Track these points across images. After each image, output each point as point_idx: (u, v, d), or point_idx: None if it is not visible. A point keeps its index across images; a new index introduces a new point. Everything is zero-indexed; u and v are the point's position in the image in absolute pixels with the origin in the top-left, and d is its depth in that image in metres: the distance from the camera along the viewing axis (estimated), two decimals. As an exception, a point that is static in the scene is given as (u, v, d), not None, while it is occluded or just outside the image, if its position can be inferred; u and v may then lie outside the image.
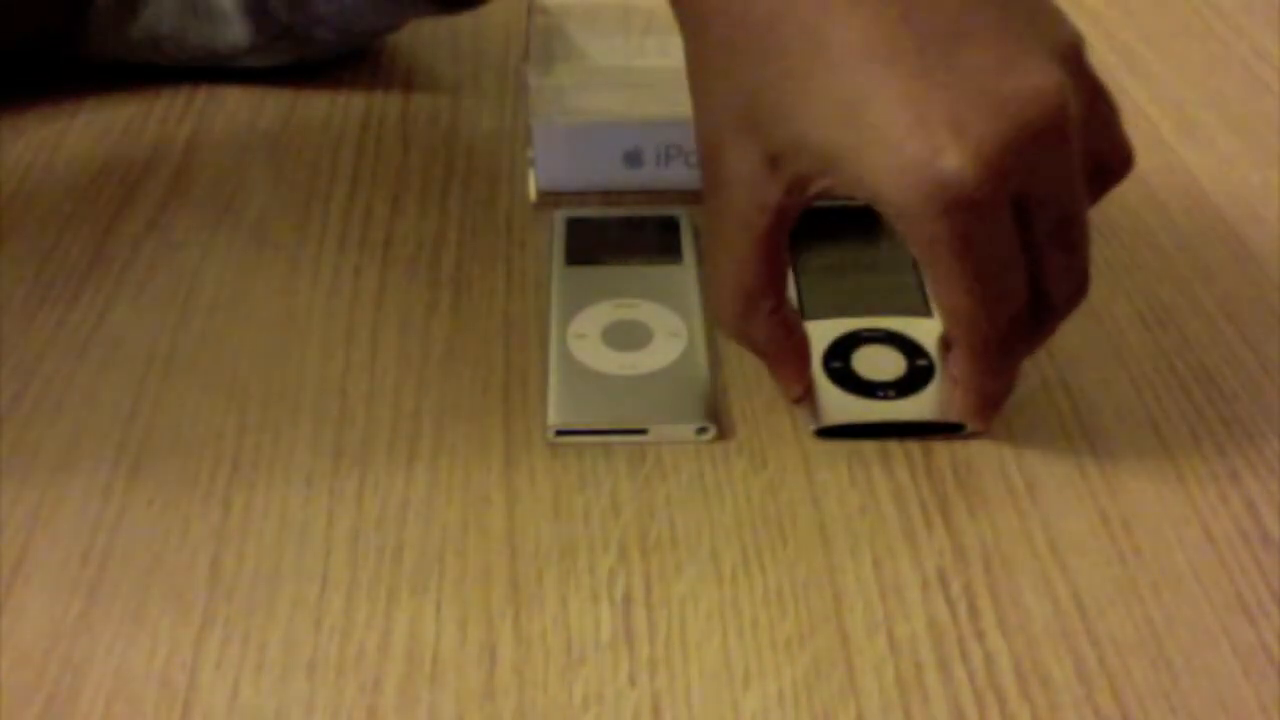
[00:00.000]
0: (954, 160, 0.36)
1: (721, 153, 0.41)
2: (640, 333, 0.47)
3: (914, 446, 0.44)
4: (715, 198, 0.42)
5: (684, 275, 0.50)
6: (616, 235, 0.52)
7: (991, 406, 0.43)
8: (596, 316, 0.47)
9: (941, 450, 0.44)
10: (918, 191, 0.36)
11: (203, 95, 0.62)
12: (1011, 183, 0.37)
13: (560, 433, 0.43)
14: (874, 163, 0.37)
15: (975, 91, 0.37)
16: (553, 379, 0.45)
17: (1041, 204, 0.39)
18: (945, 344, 0.45)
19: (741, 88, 0.40)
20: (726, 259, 0.42)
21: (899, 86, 0.37)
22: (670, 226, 0.52)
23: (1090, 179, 0.40)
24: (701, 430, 0.44)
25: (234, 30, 0.59)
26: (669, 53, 0.53)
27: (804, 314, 0.47)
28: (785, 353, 0.44)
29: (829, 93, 0.38)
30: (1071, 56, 0.39)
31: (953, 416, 0.44)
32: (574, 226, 0.52)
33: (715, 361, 0.47)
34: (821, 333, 0.46)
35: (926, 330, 0.47)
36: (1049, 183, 0.38)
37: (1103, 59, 0.65)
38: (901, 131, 0.36)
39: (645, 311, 0.48)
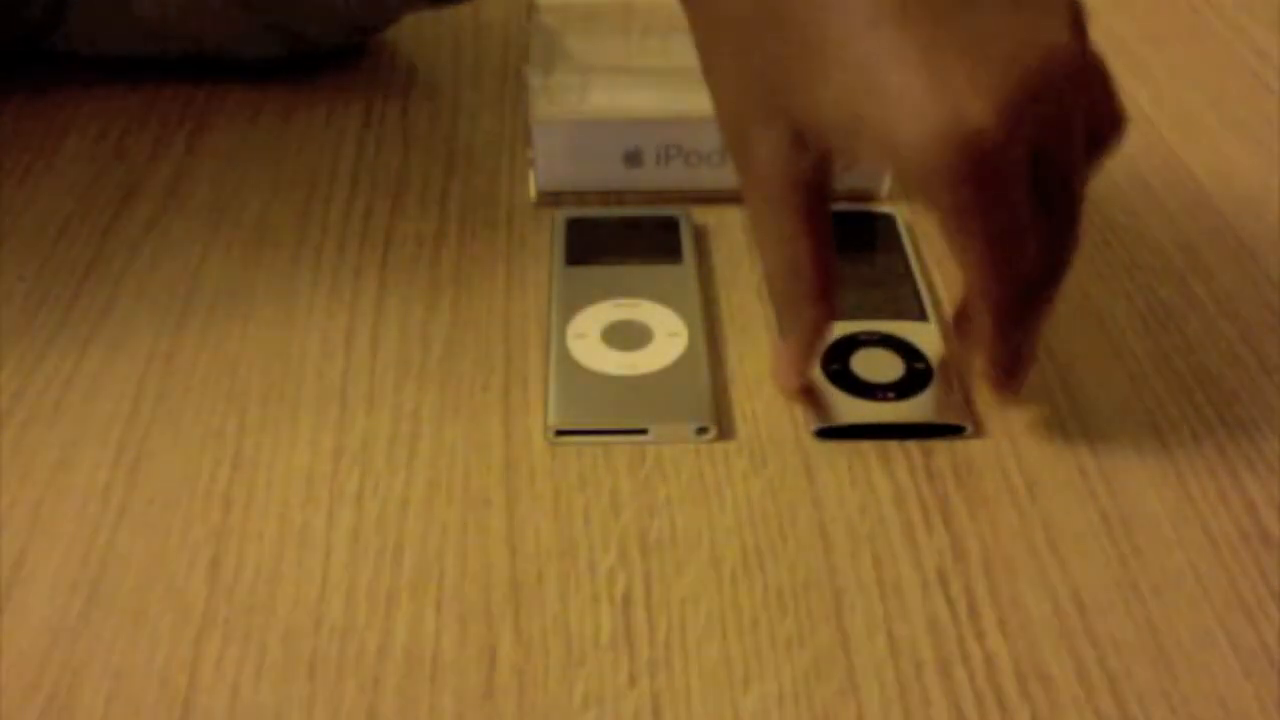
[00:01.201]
0: (975, 113, 0.36)
1: (746, 136, 0.41)
2: (640, 333, 0.47)
3: (914, 446, 0.44)
4: (748, 181, 0.42)
5: (684, 275, 0.50)
6: (616, 235, 0.52)
7: (1017, 372, 0.43)
8: (596, 316, 0.47)
9: (941, 450, 0.44)
10: (943, 150, 0.36)
11: (203, 95, 0.62)
12: (1029, 133, 0.37)
13: (560, 433, 0.43)
14: (896, 127, 0.37)
15: (991, 48, 0.37)
16: (553, 379, 0.45)
17: (1051, 161, 0.39)
18: (959, 323, 0.45)
19: (756, 67, 0.40)
20: (773, 240, 0.42)
21: (915, 48, 0.37)
22: (670, 226, 0.52)
23: (1086, 143, 0.40)
24: (701, 430, 0.44)
25: (222, 21, 0.59)
26: (669, 53, 0.53)
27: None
28: (810, 342, 0.44)
29: (845, 61, 0.38)
30: (1077, 18, 0.39)
31: (954, 418, 0.44)
32: (574, 226, 0.52)
33: (715, 361, 0.47)
34: (820, 334, 0.47)
35: (923, 334, 0.47)
36: (1059, 139, 0.38)
37: (1103, 59, 0.65)
38: (921, 92, 0.36)
39: (645, 311, 0.48)
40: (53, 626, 0.38)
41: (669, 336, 0.47)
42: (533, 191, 0.55)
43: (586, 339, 0.46)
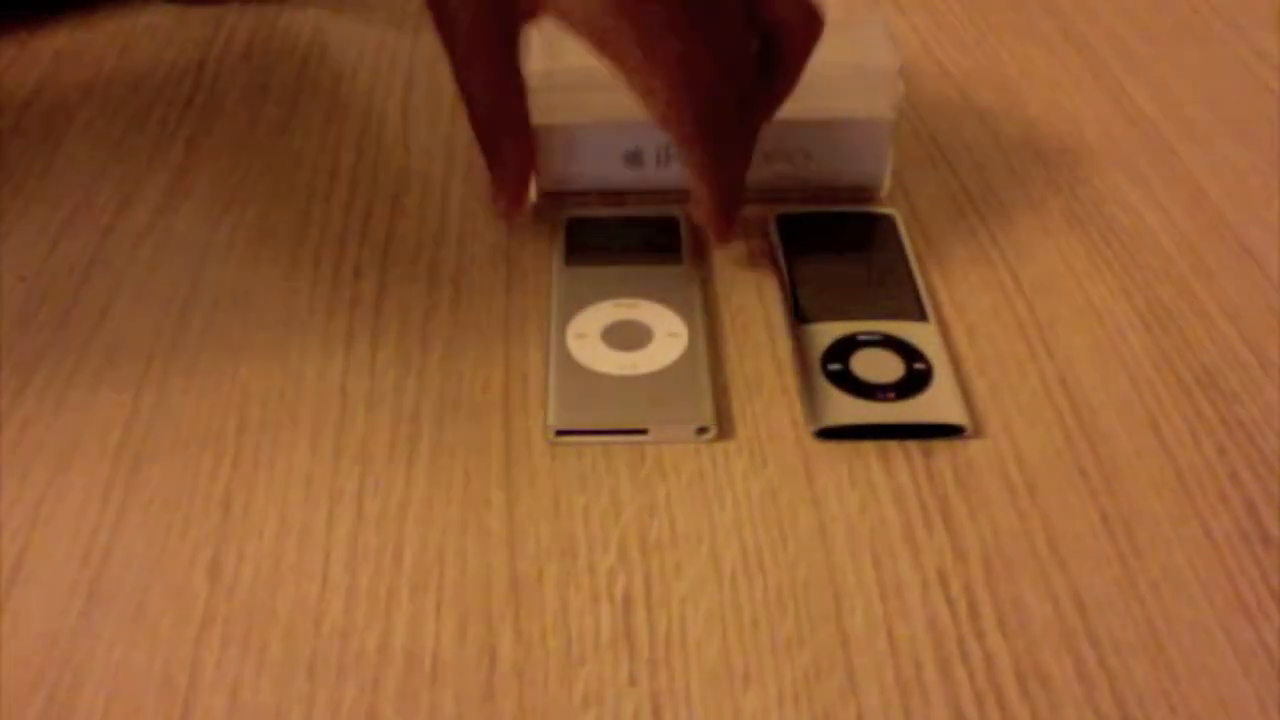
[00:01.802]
0: None
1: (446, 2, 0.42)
2: (640, 333, 0.47)
3: (914, 446, 0.44)
4: (454, 37, 0.43)
5: (684, 275, 0.50)
6: (616, 235, 0.52)
7: (736, 200, 0.40)
8: (596, 316, 0.47)
9: (941, 450, 0.44)
10: None
11: (203, 95, 0.62)
12: None
13: (560, 433, 0.43)
14: None
15: None
16: (552, 379, 0.45)
17: None
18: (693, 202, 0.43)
19: None
20: (479, 85, 0.43)
21: None
22: (670, 227, 0.52)
23: None
24: (701, 430, 0.44)
25: None
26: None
27: (801, 318, 0.48)
28: (524, 170, 0.45)
29: None
30: None
31: (954, 418, 0.44)
32: (574, 226, 0.52)
33: (715, 361, 0.47)
34: (819, 336, 0.47)
35: (923, 334, 0.47)
36: None
37: (1103, 59, 0.65)
38: None
39: (645, 312, 0.48)
40: (53, 626, 0.38)
41: (669, 336, 0.47)
42: (533, 191, 0.55)
43: (587, 339, 0.46)
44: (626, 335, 0.47)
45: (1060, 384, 0.46)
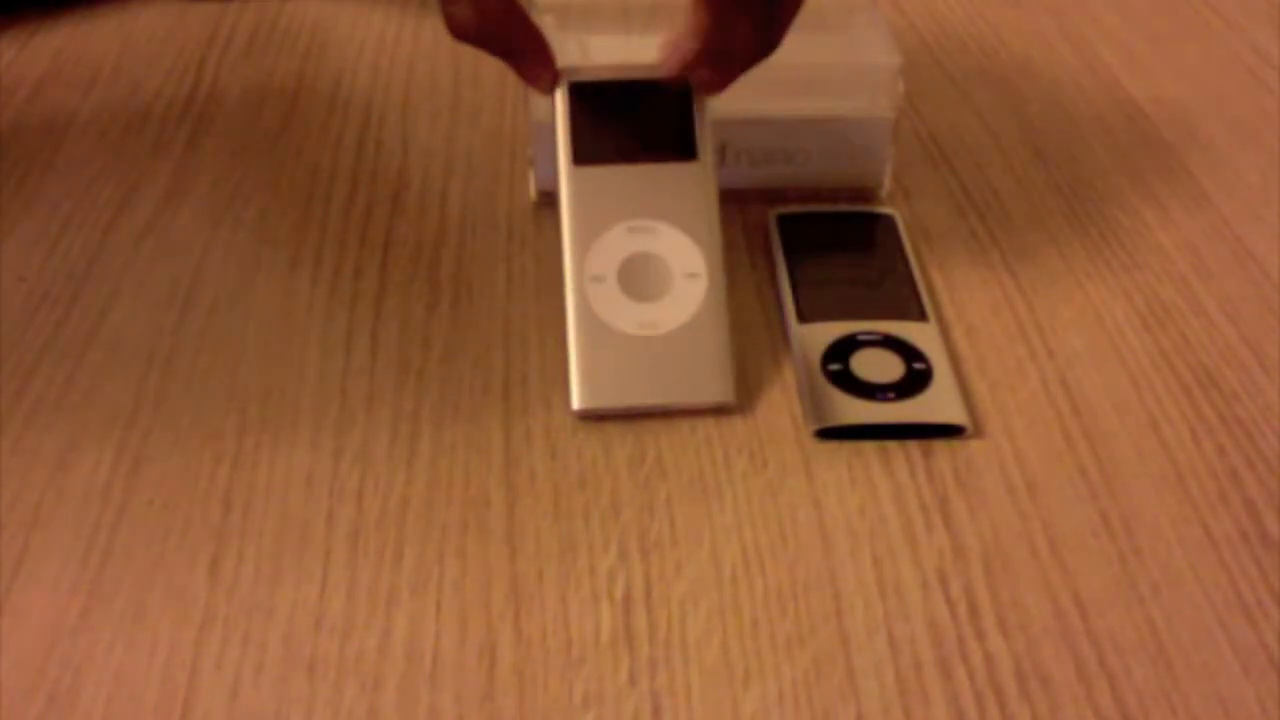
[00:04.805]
0: None
1: None
2: (658, 274, 0.46)
3: (914, 446, 0.44)
4: None
5: (697, 176, 0.47)
6: (624, 111, 0.48)
7: (732, 58, 0.45)
8: (612, 248, 0.46)
9: (941, 450, 0.44)
10: None
11: (203, 95, 0.62)
12: None
13: (584, 415, 0.44)
14: None
15: None
16: (574, 344, 0.44)
17: None
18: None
19: None
20: (495, 16, 0.44)
21: None
22: (681, 95, 0.48)
23: None
24: (722, 406, 0.44)
25: None
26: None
27: (801, 318, 0.47)
28: (529, 42, 0.46)
29: None
30: None
31: (954, 418, 0.44)
32: (579, 98, 0.48)
33: (732, 302, 0.46)
34: (819, 336, 0.47)
35: (923, 334, 0.47)
36: None
37: (1103, 59, 0.65)
38: None
39: (662, 241, 0.46)
40: (53, 626, 0.38)
41: (687, 279, 0.46)
42: (533, 191, 0.55)
43: (604, 283, 0.45)
44: (644, 278, 0.46)
45: (1060, 384, 0.46)
